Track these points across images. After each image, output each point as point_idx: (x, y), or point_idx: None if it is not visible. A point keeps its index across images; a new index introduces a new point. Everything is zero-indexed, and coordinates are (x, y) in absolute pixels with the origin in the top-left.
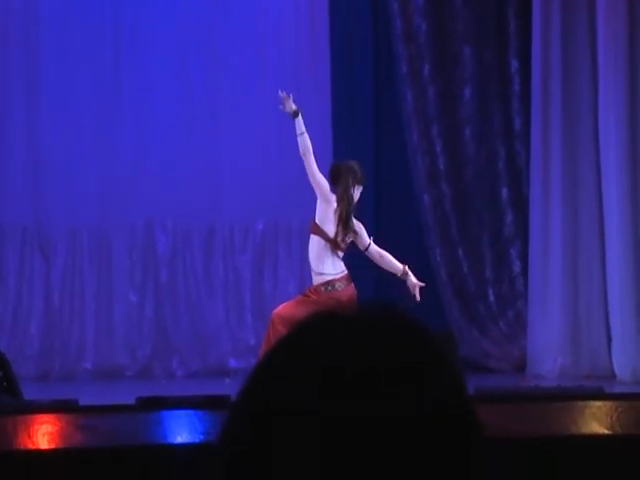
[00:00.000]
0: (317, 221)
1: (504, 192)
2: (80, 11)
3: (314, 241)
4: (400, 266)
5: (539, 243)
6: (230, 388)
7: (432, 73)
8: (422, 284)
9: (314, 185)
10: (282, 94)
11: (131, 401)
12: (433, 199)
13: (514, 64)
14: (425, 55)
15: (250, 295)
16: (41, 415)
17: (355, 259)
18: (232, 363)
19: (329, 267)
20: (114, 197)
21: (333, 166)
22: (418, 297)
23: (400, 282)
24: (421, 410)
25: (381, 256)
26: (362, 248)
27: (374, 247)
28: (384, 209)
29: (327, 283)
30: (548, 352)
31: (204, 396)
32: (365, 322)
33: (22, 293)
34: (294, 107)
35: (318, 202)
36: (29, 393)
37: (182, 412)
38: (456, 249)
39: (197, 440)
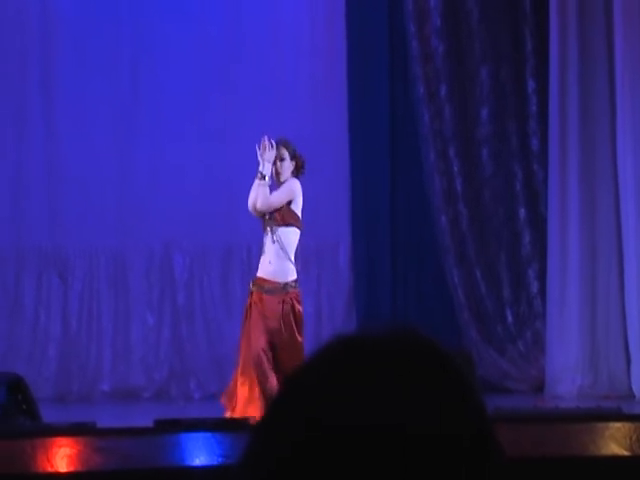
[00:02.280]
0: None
1: (522, 212)
2: (97, 28)
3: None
4: None
5: (557, 263)
6: None
7: (449, 93)
8: None
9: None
10: (265, 142)
11: (149, 423)
12: (450, 220)
13: (531, 84)
14: (442, 75)
15: None
16: (60, 438)
17: (373, 278)
18: None
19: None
20: (131, 219)
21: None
22: None
23: (418, 301)
24: (441, 433)
25: None
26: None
27: None
28: (401, 230)
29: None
30: (566, 373)
31: (222, 418)
32: (383, 345)
33: (40, 316)
34: (269, 164)
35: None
36: (47, 415)
37: (200, 434)
38: (474, 270)
39: (215, 463)
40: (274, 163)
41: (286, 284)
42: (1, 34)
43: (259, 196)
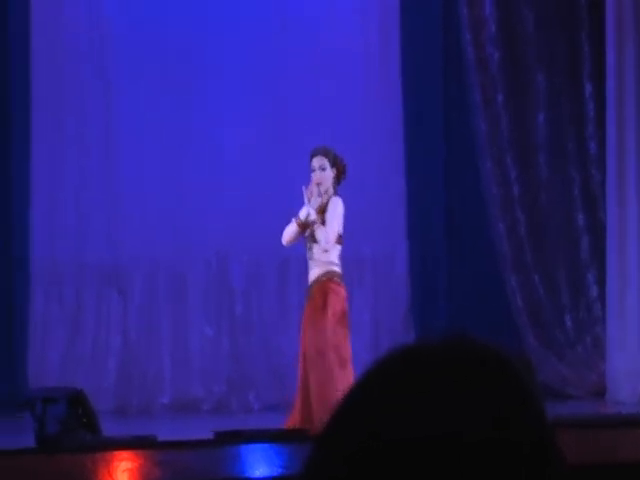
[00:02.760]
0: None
1: (580, 217)
2: (149, 43)
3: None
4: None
5: (616, 267)
6: None
7: (505, 100)
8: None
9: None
10: (313, 188)
11: (208, 435)
12: (508, 226)
13: (588, 88)
14: (498, 82)
15: None
16: (120, 452)
17: (430, 287)
18: None
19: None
20: (188, 231)
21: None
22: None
23: (476, 309)
24: (500, 439)
25: None
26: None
27: None
28: (457, 237)
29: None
30: (628, 378)
31: (281, 429)
32: (442, 355)
33: (99, 329)
34: (315, 210)
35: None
36: (107, 428)
37: (260, 446)
38: (532, 276)
39: (275, 474)
40: (313, 171)
41: (318, 279)
42: (58, 53)
43: (321, 241)
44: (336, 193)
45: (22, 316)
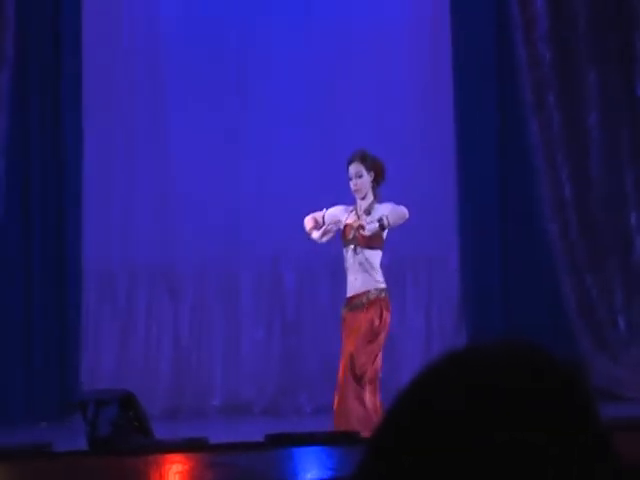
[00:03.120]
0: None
1: (633, 217)
2: (204, 49)
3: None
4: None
5: None
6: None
7: (557, 100)
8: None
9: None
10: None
11: (259, 438)
12: (560, 227)
13: None
14: (550, 82)
15: None
16: (172, 454)
17: (482, 289)
18: None
19: None
20: (240, 234)
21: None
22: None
23: (529, 311)
24: (555, 442)
25: None
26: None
27: None
28: (510, 238)
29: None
30: None
31: (333, 432)
32: (495, 359)
33: (151, 332)
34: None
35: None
36: (159, 431)
37: (311, 448)
38: (585, 277)
39: (327, 477)
40: (351, 179)
41: (370, 292)
42: (110, 53)
43: (393, 214)
44: (377, 195)
45: (74, 318)
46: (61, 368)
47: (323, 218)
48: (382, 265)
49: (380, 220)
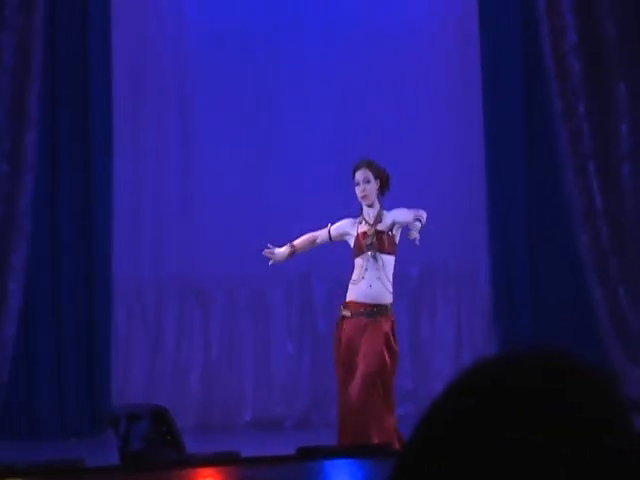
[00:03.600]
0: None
1: None
2: (231, 63)
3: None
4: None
5: None
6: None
7: (587, 110)
8: None
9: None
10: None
11: (291, 452)
12: (591, 238)
13: None
14: (579, 93)
15: (408, 341)
16: (204, 468)
17: (513, 299)
18: None
19: None
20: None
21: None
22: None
23: (560, 323)
24: (589, 451)
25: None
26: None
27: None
28: (540, 248)
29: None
30: None
31: (365, 445)
32: (526, 368)
33: (181, 346)
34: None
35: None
36: (190, 445)
37: (343, 461)
38: (616, 288)
39: None
40: (357, 185)
41: (386, 306)
42: (139, 65)
43: (403, 215)
44: (382, 205)
45: (105, 333)
46: (92, 384)
47: (329, 233)
48: (410, 277)
49: (419, 219)
